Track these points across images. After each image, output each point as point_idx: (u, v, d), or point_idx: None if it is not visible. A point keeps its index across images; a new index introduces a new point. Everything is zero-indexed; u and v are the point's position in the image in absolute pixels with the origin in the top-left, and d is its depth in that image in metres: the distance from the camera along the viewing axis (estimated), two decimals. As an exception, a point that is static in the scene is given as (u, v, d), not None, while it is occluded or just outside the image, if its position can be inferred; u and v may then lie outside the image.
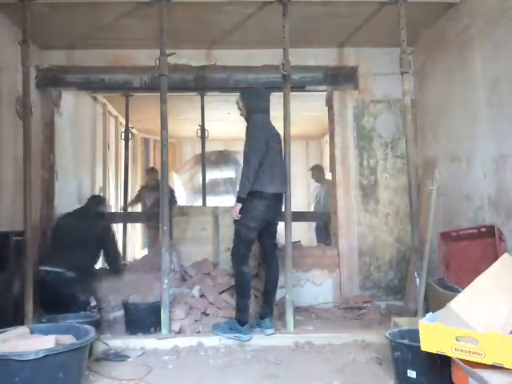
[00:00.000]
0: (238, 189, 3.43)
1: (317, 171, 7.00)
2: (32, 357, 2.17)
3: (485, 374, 1.95)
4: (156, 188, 5.99)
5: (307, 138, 9.32)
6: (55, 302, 3.53)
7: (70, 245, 3.88)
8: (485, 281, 2.31)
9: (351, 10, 3.97)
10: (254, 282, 4.16)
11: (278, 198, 3.52)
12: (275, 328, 3.52)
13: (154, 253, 4.56)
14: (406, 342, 2.52)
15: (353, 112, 4.79)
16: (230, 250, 3.54)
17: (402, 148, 4.58)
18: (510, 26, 3.18)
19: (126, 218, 6.14)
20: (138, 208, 7.02)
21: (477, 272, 2.37)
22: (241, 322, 3.37)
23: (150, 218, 6.12)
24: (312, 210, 7.21)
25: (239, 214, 3.36)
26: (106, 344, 3.10)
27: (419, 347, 2.24)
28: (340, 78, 4.77)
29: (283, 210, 3.61)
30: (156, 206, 5.77)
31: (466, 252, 3.44)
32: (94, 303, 3.60)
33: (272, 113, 3.59)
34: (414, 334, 2.44)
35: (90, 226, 4.02)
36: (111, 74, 4.69)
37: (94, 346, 3.06)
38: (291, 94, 3.70)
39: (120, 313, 3.79)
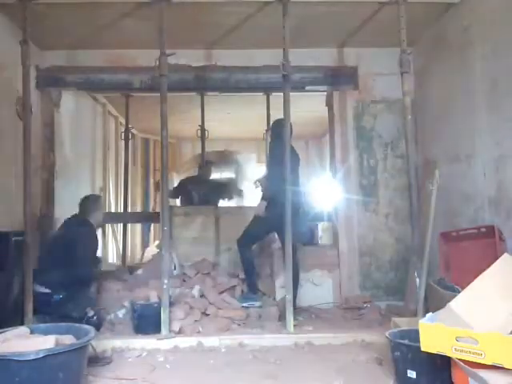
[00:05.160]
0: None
1: None
2: (32, 357, 2.16)
3: (485, 374, 1.95)
4: (206, 181, 6.16)
5: (307, 138, 9.32)
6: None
7: (54, 259, 3.67)
8: (485, 281, 2.31)
9: (351, 10, 3.97)
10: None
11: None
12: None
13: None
14: (405, 342, 2.52)
15: (353, 112, 4.79)
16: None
17: (402, 148, 4.56)
18: (509, 26, 3.18)
19: (127, 217, 6.14)
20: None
21: (477, 272, 2.36)
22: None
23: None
24: None
25: None
26: (94, 348, 2.85)
27: (419, 347, 2.24)
28: (340, 78, 4.77)
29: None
30: (203, 199, 5.90)
31: (466, 252, 3.43)
32: (91, 313, 3.54)
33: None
34: (413, 334, 2.44)
35: (66, 233, 3.82)
36: (111, 74, 4.69)
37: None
38: (291, 93, 3.70)
39: (121, 313, 3.79)
